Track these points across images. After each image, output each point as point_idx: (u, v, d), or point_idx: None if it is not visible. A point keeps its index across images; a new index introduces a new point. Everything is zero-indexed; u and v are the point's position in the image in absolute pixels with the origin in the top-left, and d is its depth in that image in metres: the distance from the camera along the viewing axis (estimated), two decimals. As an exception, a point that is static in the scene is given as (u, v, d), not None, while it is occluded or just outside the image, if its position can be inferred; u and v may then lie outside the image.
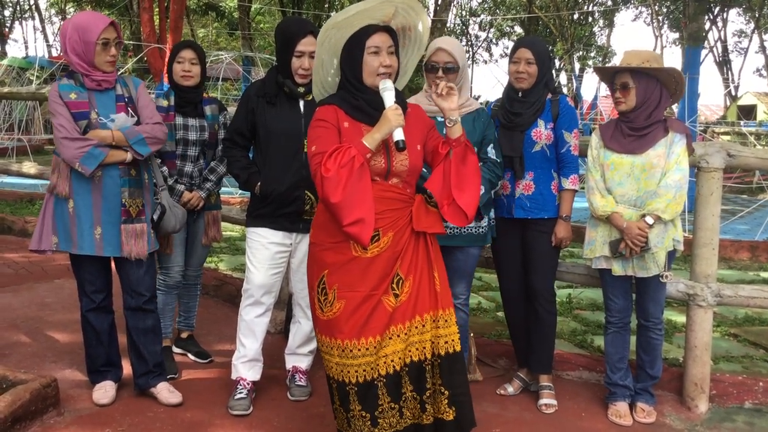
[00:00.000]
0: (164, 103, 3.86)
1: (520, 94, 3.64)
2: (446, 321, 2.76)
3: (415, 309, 2.70)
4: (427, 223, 2.75)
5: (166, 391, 3.57)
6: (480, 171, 2.80)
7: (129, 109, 3.42)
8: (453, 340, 2.76)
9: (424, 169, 2.89)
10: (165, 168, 3.79)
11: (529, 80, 3.59)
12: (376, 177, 2.67)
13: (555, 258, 3.76)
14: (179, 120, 3.85)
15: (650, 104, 3.42)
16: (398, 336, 2.67)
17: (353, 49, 2.72)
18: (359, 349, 2.63)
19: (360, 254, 2.65)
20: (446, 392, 2.72)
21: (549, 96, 3.65)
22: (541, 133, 3.59)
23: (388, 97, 2.66)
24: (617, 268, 3.49)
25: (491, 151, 3.55)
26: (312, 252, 2.79)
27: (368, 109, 2.71)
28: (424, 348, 2.71)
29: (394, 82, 2.72)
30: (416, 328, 2.70)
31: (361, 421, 2.65)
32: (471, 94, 3.81)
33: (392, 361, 2.66)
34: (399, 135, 2.60)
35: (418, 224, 2.73)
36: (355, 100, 2.72)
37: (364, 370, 2.64)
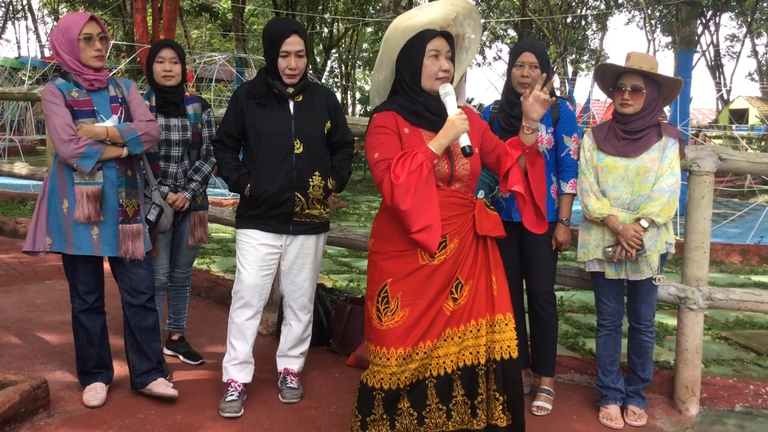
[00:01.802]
0: (145, 104, 3.82)
1: (521, 99, 3.61)
2: (505, 325, 2.74)
3: (471, 313, 2.71)
4: (489, 227, 2.76)
5: (163, 385, 3.57)
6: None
7: (123, 109, 3.42)
8: (510, 347, 2.74)
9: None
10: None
11: (534, 84, 3.56)
12: (440, 182, 2.67)
13: (554, 261, 3.76)
14: (161, 120, 3.82)
15: (651, 109, 3.43)
16: (452, 339, 2.69)
17: (413, 52, 2.70)
18: (417, 354, 2.64)
19: (427, 262, 2.65)
20: (501, 398, 2.71)
21: None
22: (542, 137, 3.58)
23: (451, 102, 2.64)
24: (610, 272, 3.49)
25: None
26: (373, 261, 2.76)
27: (426, 113, 2.69)
28: (478, 353, 2.71)
29: None
30: (471, 332, 2.70)
31: (408, 418, 2.66)
32: (465, 98, 3.81)
33: (444, 363, 2.68)
34: (466, 140, 2.59)
35: (482, 228, 2.74)
36: (412, 105, 2.70)
37: (418, 372, 2.66)
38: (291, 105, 3.46)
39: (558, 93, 3.83)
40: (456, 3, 2.78)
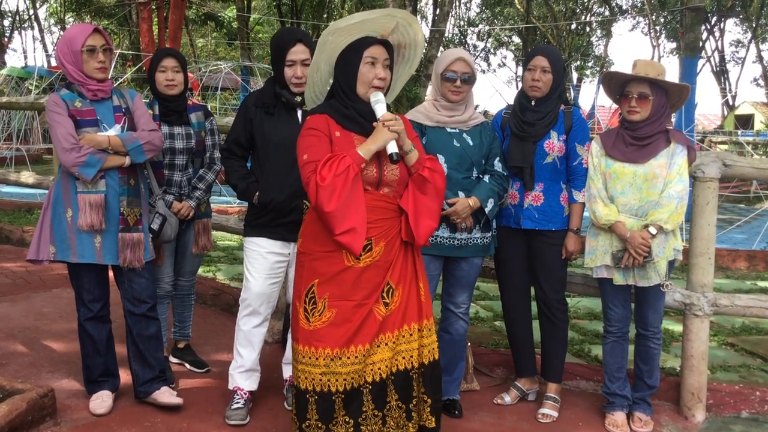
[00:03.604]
0: (149, 113, 3.83)
1: (533, 103, 3.63)
2: (429, 330, 2.81)
3: (404, 318, 2.74)
4: (410, 236, 2.78)
5: (168, 394, 3.58)
6: (441, 198, 2.83)
7: (126, 119, 3.44)
8: (433, 349, 2.82)
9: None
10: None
11: (544, 89, 3.56)
12: (368, 186, 2.69)
13: (565, 268, 3.76)
14: (165, 129, 3.82)
15: (659, 115, 3.44)
16: (386, 344, 2.71)
17: (350, 58, 2.75)
18: (348, 357, 2.65)
19: (353, 264, 2.67)
20: (429, 400, 2.77)
21: (562, 107, 3.64)
22: (554, 144, 3.58)
23: (380, 110, 2.70)
24: (618, 278, 3.49)
25: (498, 164, 3.57)
26: (301, 261, 2.79)
27: (359, 118, 2.74)
28: (412, 357, 2.75)
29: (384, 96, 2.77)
30: (404, 337, 2.74)
31: (344, 427, 2.67)
32: (473, 105, 3.80)
33: (379, 368, 2.70)
34: (393, 147, 2.64)
35: (408, 234, 2.76)
36: (345, 110, 2.75)
37: (352, 378, 2.66)
38: (299, 113, 3.48)
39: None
40: (395, 14, 2.81)
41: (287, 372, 3.79)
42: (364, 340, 2.66)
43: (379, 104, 2.70)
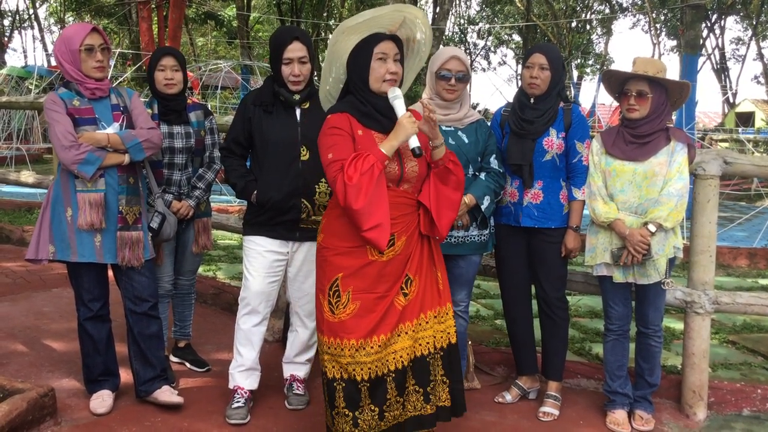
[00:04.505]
0: (148, 112, 3.81)
1: (532, 101, 3.62)
2: (446, 315, 2.92)
3: (421, 307, 2.84)
4: (430, 229, 2.88)
5: (168, 393, 3.58)
6: (462, 189, 2.94)
7: (124, 117, 3.44)
8: (450, 333, 2.92)
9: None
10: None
11: (542, 86, 3.56)
12: (390, 183, 2.75)
13: (565, 266, 3.76)
14: (164, 128, 3.80)
15: (659, 113, 3.43)
16: (406, 333, 2.81)
17: (361, 55, 2.81)
18: (371, 347, 2.74)
19: (376, 258, 2.76)
20: (447, 381, 2.88)
21: (561, 105, 3.63)
22: (553, 142, 3.58)
23: (399, 105, 2.75)
24: (618, 276, 3.49)
25: (494, 162, 3.57)
26: (324, 256, 2.84)
27: (377, 115, 2.80)
28: (428, 343, 2.85)
29: None
30: (421, 325, 2.84)
31: (370, 414, 2.76)
32: (469, 103, 3.80)
33: (401, 357, 2.79)
34: (415, 142, 2.70)
35: (427, 228, 2.86)
36: (363, 107, 2.80)
37: (376, 366, 2.75)
38: (297, 112, 3.47)
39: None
40: (401, 9, 2.89)
41: (288, 371, 3.79)
42: (385, 329, 2.76)
43: (398, 100, 2.76)
